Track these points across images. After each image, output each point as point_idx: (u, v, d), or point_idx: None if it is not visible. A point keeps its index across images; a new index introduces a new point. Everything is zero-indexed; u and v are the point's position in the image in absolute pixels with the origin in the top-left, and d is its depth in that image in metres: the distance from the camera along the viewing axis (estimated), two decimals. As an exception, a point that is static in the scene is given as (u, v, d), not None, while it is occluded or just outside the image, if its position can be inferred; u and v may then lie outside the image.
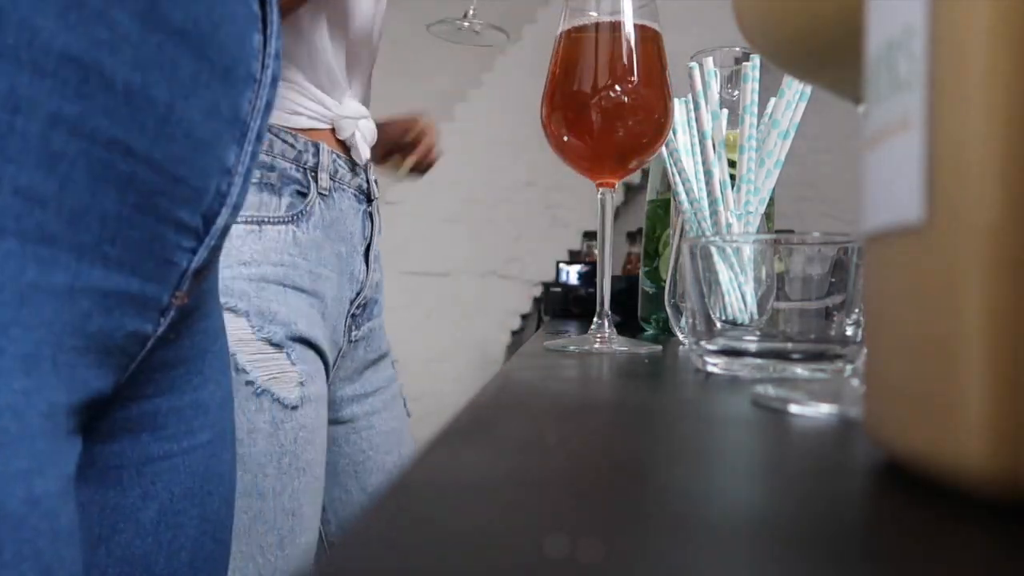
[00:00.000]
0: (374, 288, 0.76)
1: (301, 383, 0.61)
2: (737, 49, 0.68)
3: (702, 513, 0.16)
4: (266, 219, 0.63)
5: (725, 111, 0.57)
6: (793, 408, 0.28)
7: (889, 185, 0.18)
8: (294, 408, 0.60)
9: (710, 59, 0.59)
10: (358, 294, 0.73)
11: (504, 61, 1.92)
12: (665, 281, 0.64)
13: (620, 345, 0.54)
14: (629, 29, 0.54)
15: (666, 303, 0.61)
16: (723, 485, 0.19)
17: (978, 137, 0.15)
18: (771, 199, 0.58)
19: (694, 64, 0.58)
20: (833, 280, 0.38)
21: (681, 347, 0.58)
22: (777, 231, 0.74)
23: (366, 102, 0.76)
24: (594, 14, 0.54)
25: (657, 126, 0.55)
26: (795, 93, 0.55)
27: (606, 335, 0.55)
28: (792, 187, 1.79)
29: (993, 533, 0.15)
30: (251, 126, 0.38)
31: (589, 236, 1.57)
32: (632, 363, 0.50)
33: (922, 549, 0.14)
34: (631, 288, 0.86)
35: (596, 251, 0.91)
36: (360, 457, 0.75)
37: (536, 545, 0.14)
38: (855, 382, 0.34)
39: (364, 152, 0.72)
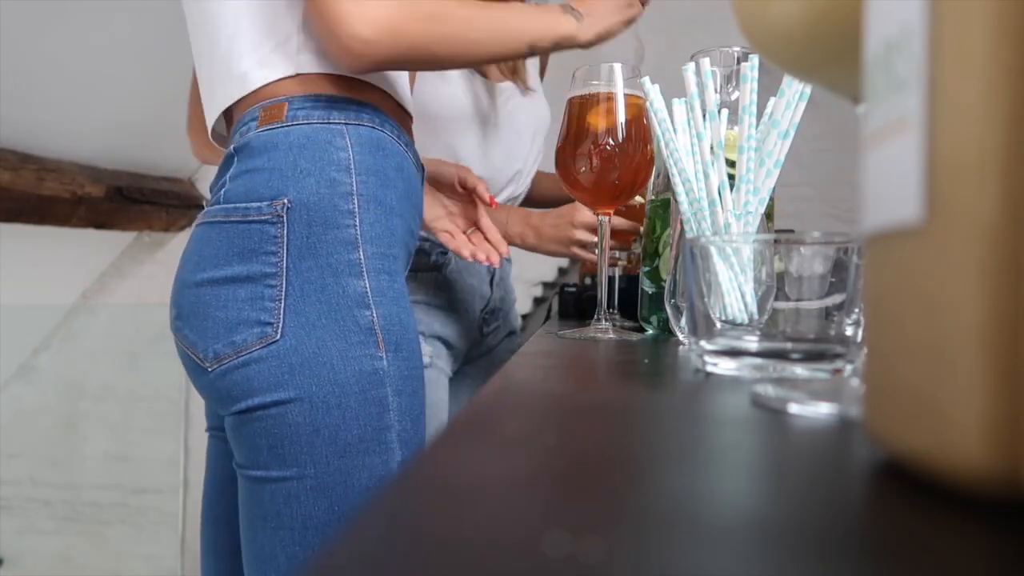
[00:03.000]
0: (498, 301, 1.16)
1: (429, 356, 0.99)
2: (736, 49, 0.68)
3: (702, 513, 0.16)
4: (419, 267, 1.02)
5: (725, 111, 0.57)
6: (793, 408, 0.28)
7: (889, 185, 0.18)
8: (426, 366, 0.92)
9: (707, 59, 0.59)
10: (485, 307, 1.12)
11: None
12: (665, 281, 0.64)
13: (614, 334, 0.69)
14: (621, 99, 0.72)
15: (666, 303, 0.61)
16: (723, 485, 0.19)
17: (977, 137, 0.15)
18: (771, 199, 0.58)
19: (688, 67, 0.58)
20: (833, 280, 0.38)
21: (681, 347, 0.58)
22: (777, 231, 0.74)
23: None
24: (596, 82, 0.73)
25: (640, 171, 0.73)
26: (795, 93, 0.55)
27: (604, 327, 0.71)
28: (792, 187, 1.79)
29: (992, 533, 0.15)
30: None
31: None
32: (632, 363, 0.50)
33: (922, 549, 0.14)
34: (631, 288, 0.86)
35: (595, 252, 0.93)
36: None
37: (536, 544, 0.14)
38: (855, 382, 0.34)
39: None
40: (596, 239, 1.01)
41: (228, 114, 0.76)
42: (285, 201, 0.66)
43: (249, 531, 0.67)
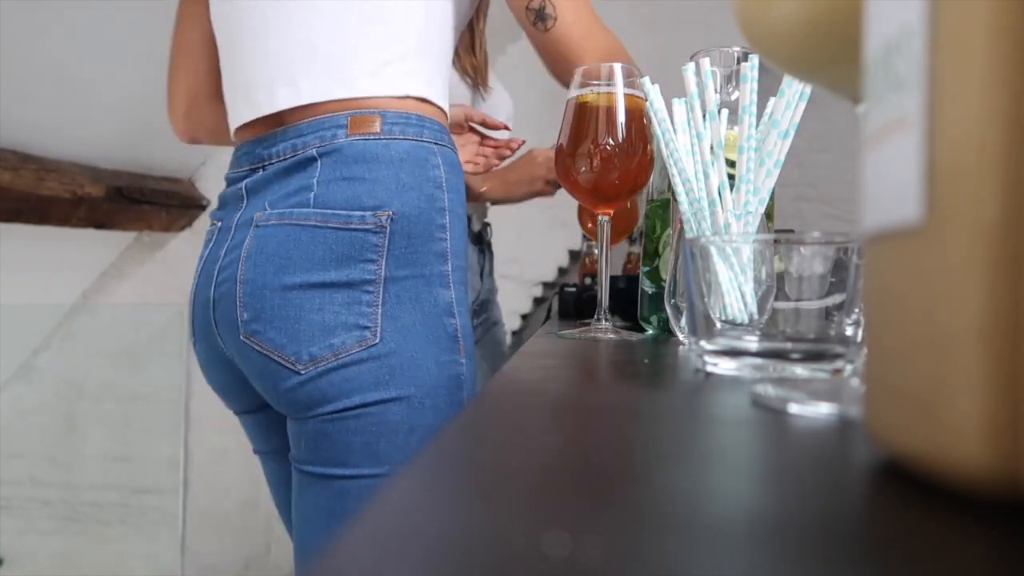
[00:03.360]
0: (487, 293, 1.26)
1: None
2: (736, 49, 0.68)
3: (702, 513, 0.16)
4: None
5: (725, 111, 0.57)
6: (793, 408, 0.28)
7: (889, 185, 0.18)
8: None
9: (707, 59, 0.59)
10: (476, 298, 1.19)
11: (505, 63, 1.92)
12: (665, 281, 0.64)
13: (614, 334, 0.69)
14: (621, 99, 0.71)
15: (666, 303, 0.61)
16: (723, 485, 0.19)
17: (977, 137, 0.15)
18: (771, 199, 0.58)
19: (688, 66, 0.58)
20: (833, 280, 0.38)
21: (681, 347, 0.58)
22: (777, 231, 0.74)
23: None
24: (596, 82, 0.72)
25: (640, 171, 0.72)
26: (795, 93, 0.55)
27: (604, 327, 0.71)
28: (792, 187, 1.79)
29: (991, 533, 0.15)
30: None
31: (589, 236, 1.58)
32: (632, 363, 0.50)
33: (922, 549, 0.14)
34: (631, 288, 0.86)
35: (596, 251, 0.93)
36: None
37: (536, 544, 0.14)
38: (855, 382, 0.34)
39: (475, 224, 1.19)
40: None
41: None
42: (389, 213, 0.69)
43: (323, 531, 0.70)
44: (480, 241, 1.26)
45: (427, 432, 0.68)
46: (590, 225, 1.27)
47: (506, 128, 1.04)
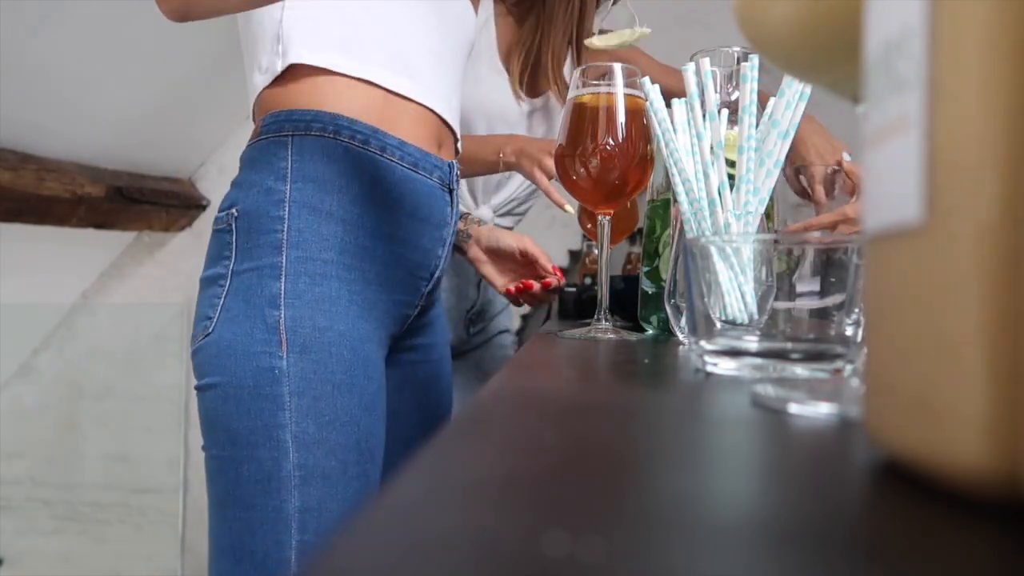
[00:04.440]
0: (486, 304, 1.24)
1: None
2: (736, 49, 0.68)
3: (702, 513, 0.16)
4: None
5: (725, 111, 0.57)
6: (793, 408, 0.28)
7: (889, 185, 0.18)
8: None
9: (707, 59, 0.59)
10: (471, 308, 1.21)
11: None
12: (665, 281, 0.64)
13: (614, 334, 0.69)
14: (621, 100, 0.71)
15: (666, 303, 0.61)
16: (723, 485, 0.19)
17: (977, 137, 0.15)
18: (771, 199, 0.58)
19: (688, 66, 0.58)
20: (833, 280, 0.38)
21: (681, 347, 0.58)
22: (777, 231, 0.74)
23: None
24: (596, 82, 0.72)
25: (640, 171, 0.72)
26: (795, 93, 0.55)
27: (604, 327, 0.71)
28: (792, 187, 1.79)
29: (991, 533, 0.15)
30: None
31: (588, 236, 1.58)
32: (632, 363, 0.50)
33: (921, 549, 0.14)
34: (631, 288, 0.86)
35: (596, 251, 0.94)
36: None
37: (536, 544, 0.14)
38: (855, 382, 0.34)
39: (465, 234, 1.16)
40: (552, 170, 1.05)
41: None
42: (234, 211, 0.73)
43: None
44: None
45: (228, 421, 0.69)
46: (590, 226, 1.25)
47: (557, 273, 1.01)
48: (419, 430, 0.89)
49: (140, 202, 1.93)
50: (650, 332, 0.74)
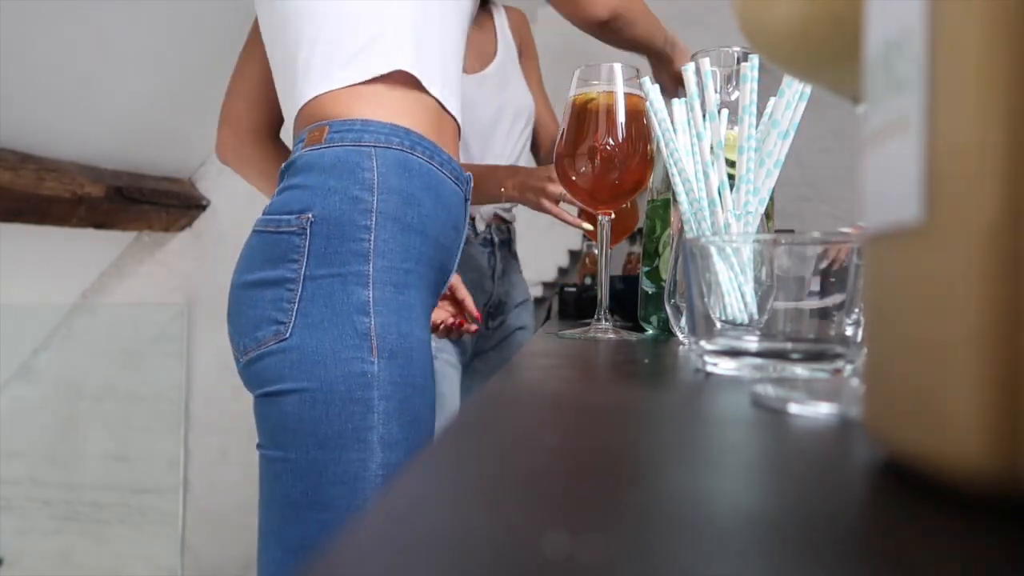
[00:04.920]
0: (503, 295, 1.24)
1: (434, 348, 0.96)
2: (736, 49, 0.68)
3: (702, 513, 0.16)
4: None
5: (725, 111, 0.57)
6: (793, 408, 0.28)
7: (889, 185, 0.18)
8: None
9: (707, 59, 0.59)
10: (488, 301, 1.20)
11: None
12: (665, 281, 0.64)
13: (614, 334, 0.69)
14: (621, 98, 0.71)
15: (666, 303, 0.61)
16: (723, 485, 0.19)
17: (977, 137, 0.15)
18: (771, 199, 0.58)
19: (688, 66, 0.58)
20: (833, 280, 0.38)
21: (681, 347, 0.58)
22: (777, 231, 0.74)
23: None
24: (596, 82, 0.72)
25: (640, 171, 0.72)
26: (795, 93, 0.55)
27: (604, 327, 0.71)
28: (792, 187, 1.79)
29: (991, 532, 0.15)
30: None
31: (589, 236, 1.58)
32: (632, 364, 0.50)
33: (921, 548, 0.14)
34: (631, 288, 0.86)
35: (596, 251, 0.95)
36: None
37: (536, 544, 0.14)
38: (855, 382, 0.34)
39: (480, 225, 1.20)
40: (562, 191, 1.06)
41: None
42: (310, 216, 0.73)
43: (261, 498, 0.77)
44: (489, 244, 1.23)
45: (316, 425, 0.70)
46: (591, 227, 1.26)
47: (479, 319, 1.07)
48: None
49: (140, 202, 1.93)
50: (650, 332, 0.74)
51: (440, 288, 0.85)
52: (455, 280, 1.04)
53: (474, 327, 1.06)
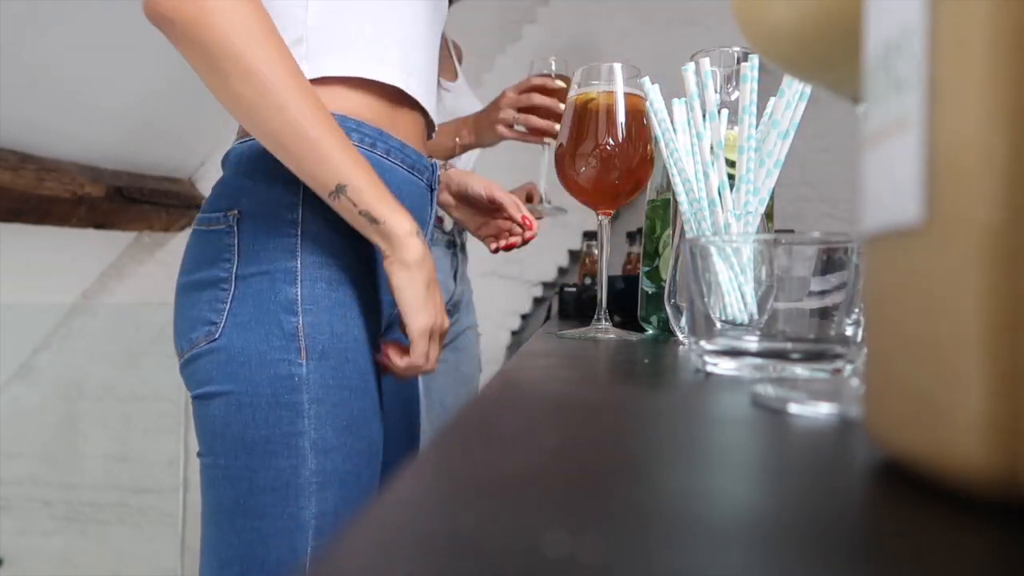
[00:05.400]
0: (460, 294, 1.30)
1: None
2: (736, 49, 0.68)
3: (702, 513, 0.16)
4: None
5: (725, 111, 0.57)
6: (793, 408, 0.28)
7: (889, 185, 0.18)
8: None
9: (707, 59, 0.59)
10: (449, 299, 1.23)
11: (504, 61, 1.92)
12: (665, 281, 0.64)
13: (614, 334, 0.69)
14: (621, 99, 0.72)
15: (666, 303, 0.61)
16: (723, 485, 0.19)
17: (977, 137, 0.15)
18: (771, 199, 0.58)
19: (688, 66, 0.58)
20: (833, 280, 0.38)
21: (681, 347, 0.58)
22: (777, 231, 0.74)
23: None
24: (596, 82, 0.72)
25: (640, 170, 0.72)
26: (795, 93, 0.55)
27: (604, 327, 0.71)
28: (792, 187, 1.79)
29: (991, 533, 0.15)
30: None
31: (589, 236, 1.58)
32: (632, 364, 0.50)
33: (922, 549, 0.14)
34: (631, 288, 0.86)
35: (596, 251, 0.95)
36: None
37: (536, 544, 0.14)
38: (855, 382, 0.34)
39: (448, 224, 1.25)
40: (517, 116, 1.11)
41: None
42: (236, 212, 0.70)
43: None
44: (452, 244, 1.28)
45: (243, 429, 0.67)
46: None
47: (526, 223, 1.00)
48: (402, 424, 0.87)
49: (140, 202, 1.93)
50: (650, 332, 0.74)
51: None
52: (493, 187, 0.97)
53: (529, 234, 0.98)
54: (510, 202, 0.96)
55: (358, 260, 0.73)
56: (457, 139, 1.16)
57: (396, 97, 0.76)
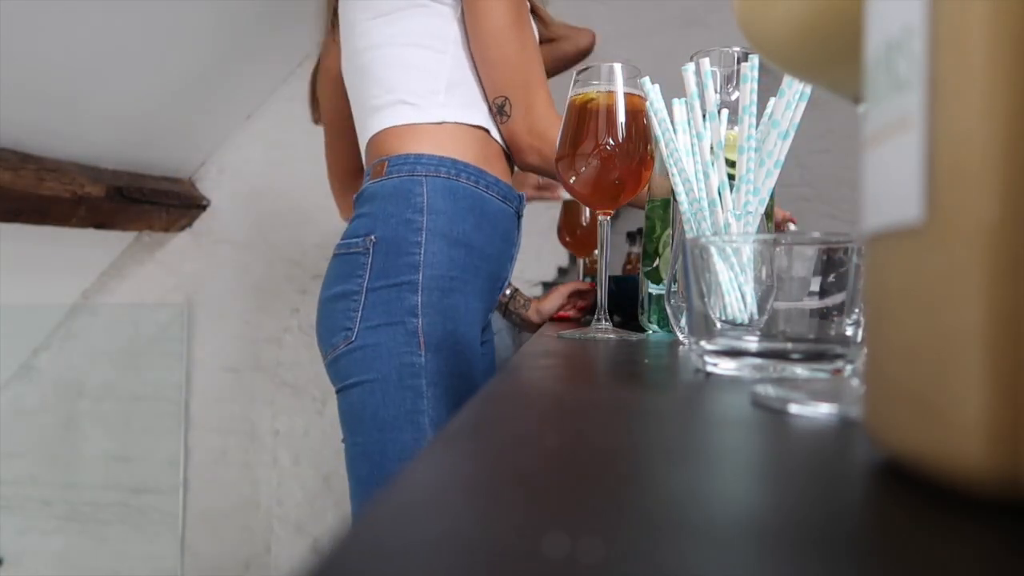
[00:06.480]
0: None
1: None
2: (736, 49, 0.68)
3: (702, 513, 0.16)
4: None
5: (725, 111, 0.57)
6: (793, 408, 0.28)
7: (889, 185, 0.18)
8: None
9: (707, 59, 0.59)
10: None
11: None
12: (665, 281, 0.64)
13: (614, 334, 0.70)
14: (621, 99, 0.71)
15: (666, 303, 0.61)
16: (723, 485, 0.19)
17: (977, 137, 0.15)
18: (771, 199, 0.58)
19: (688, 66, 0.58)
20: (833, 280, 0.38)
21: (681, 347, 0.58)
22: (777, 231, 0.74)
23: None
24: (596, 82, 0.73)
25: (640, 171, 0.72)
26: (795, 93, 0.55)
27: (604, 327, 0.72)
28: (792, 187, 1.79)
29: (991, 533, 0.15)
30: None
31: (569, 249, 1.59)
32: (632, 364, 0.50)
33: (922, 549, 0.14)
34: (631, 288, 0.86)
35: (596, 252, 0.96)
36: None
37: (536, 544, 0.14)
38: (855, 382, 0.34)
39: None
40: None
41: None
42: (373, 238, 0.88)
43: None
44: None
45: (375, 410, 0.85)
46: (568, 239, 1.38)
47: (586, 286, 1.26)
48: None
49: (140, 202, 1.93)
50: (650, 332, 0.74)
51: (492, 292, 0.98)
52: (563, 290, 1.25)
53: (581, 303, 1.25)
54: (576, 289, 1.24)
55: (467, 272, 0.91)
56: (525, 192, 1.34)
57: (490, 140, 0.96)
